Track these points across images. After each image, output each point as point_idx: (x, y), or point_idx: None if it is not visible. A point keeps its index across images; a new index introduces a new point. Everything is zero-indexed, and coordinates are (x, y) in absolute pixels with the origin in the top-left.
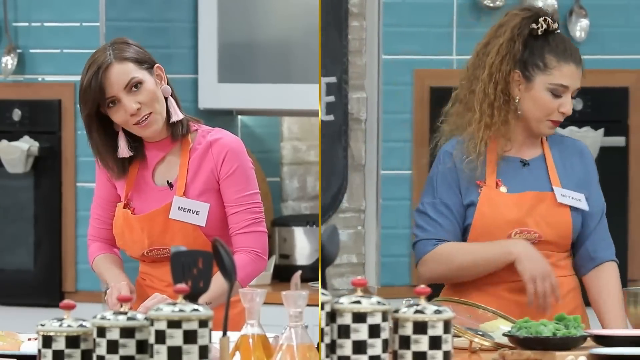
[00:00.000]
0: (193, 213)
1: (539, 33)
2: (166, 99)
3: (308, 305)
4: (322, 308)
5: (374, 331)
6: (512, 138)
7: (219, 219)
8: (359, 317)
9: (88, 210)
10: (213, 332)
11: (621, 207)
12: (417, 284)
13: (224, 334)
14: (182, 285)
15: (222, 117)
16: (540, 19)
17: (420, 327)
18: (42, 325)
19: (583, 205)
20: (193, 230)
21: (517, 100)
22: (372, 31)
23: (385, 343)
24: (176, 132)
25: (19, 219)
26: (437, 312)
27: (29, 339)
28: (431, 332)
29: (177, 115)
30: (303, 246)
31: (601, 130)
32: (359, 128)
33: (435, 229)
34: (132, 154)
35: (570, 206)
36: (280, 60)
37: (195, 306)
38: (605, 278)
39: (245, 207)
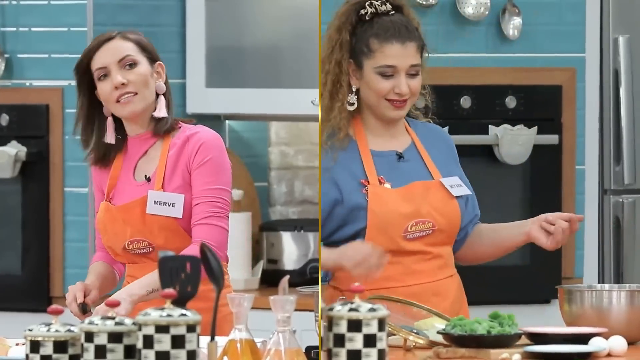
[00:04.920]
0: (169, 206)
1: (367, 18)
2: (158, 95)
3: (296, 310)
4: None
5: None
6: (373, 131)
7: None
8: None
9: (76, 215)
10: (201, 337)
11: (554, 204)
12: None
13: (212, 338)
14: (169, 290)
15: (210, 122)
16: (367, 3)
17: (355, 325)
18: (29, 330)
19: (466, 190)
20: (171, 223)
21: (354, 89)
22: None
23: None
24: (158, 128)
25: (7, 224)
26: (372, 310)
27: (17, 344)
28: (365, 330)
29: (160, 112)
30: (291, 251)
31: (534, 129)
32: None
33: None
34: (119, 137)
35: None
36: (268, 65)
37: (183, 311)
38: (482, 226)
39: (208, 199)
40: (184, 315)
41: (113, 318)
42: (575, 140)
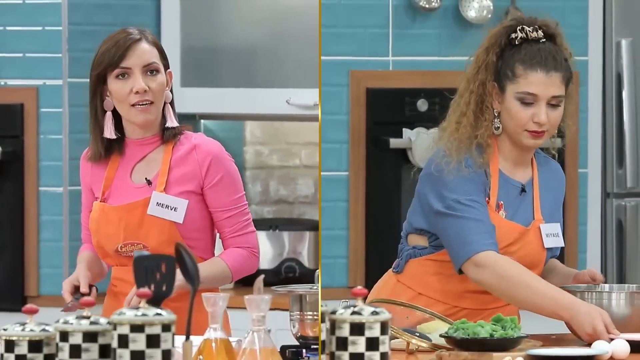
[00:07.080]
0: (171, 209)
1: (516, 42)
2: (165, 103)
3: (271, 309)
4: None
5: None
6: (504, 153)
7: (195, 219)
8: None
9: (50, 215)
10: (176, 336)
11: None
12: (354, 285)
13: (187, 338)
14: (144, 290)
15: (185, 122)
16: (518, 28)
17: (358, 329)
18: (4, 329)
19: (561, 241)
20: (169, 227)
21: (496, 113)
22: None
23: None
24: (168, 135)
25: None
26: (374, 313)
27: None
28: (368, 333)
29: (172, 122)
30: (266, 250)
31: None
32: None
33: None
34: (118, 135)
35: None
36: (243, 65)
37: (158, 310)
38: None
39: (238, 210)
40: (159, 314)
41: (88, 317)
42: (577, 143)
